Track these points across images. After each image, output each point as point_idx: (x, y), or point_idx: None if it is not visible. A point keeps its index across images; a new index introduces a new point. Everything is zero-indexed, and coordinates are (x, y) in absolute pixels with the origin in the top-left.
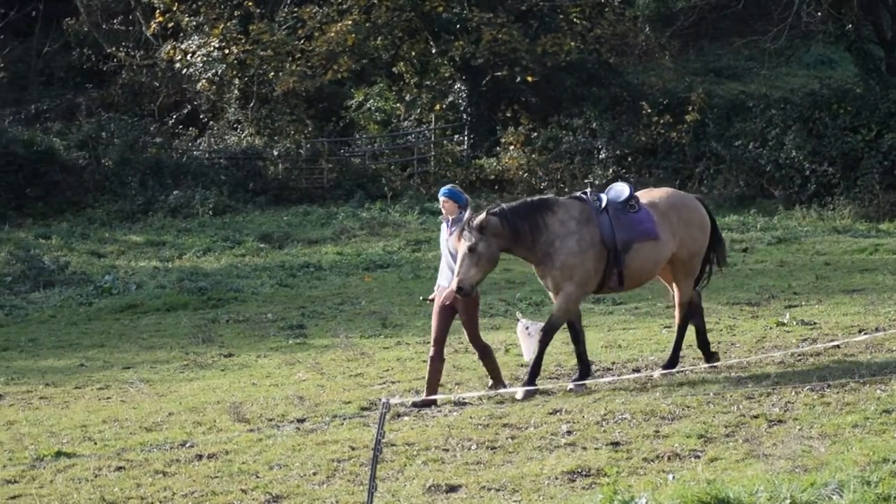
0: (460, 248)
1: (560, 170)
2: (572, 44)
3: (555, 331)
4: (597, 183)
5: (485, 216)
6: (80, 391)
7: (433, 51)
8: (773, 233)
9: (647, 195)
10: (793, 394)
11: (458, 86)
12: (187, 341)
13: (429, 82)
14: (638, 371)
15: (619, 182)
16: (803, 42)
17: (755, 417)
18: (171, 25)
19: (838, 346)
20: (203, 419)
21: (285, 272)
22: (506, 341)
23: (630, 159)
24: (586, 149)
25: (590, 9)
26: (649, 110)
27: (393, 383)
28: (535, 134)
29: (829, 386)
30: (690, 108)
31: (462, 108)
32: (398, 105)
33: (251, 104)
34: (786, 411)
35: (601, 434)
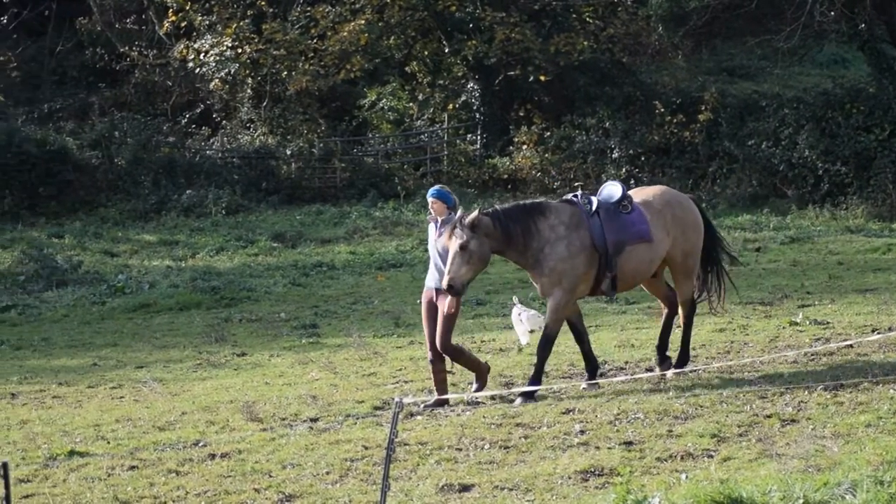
0: (451, 245)
1: (573, 169)
2: (585, 43)
3: (552, 341)
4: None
5: (477, 214)
6: (93, 390)
7: (446, 50)
8: (786, 232)
9: (640, 193)
10: (806, 393)
11: (470, 85)
12: (200, 340)
13: (442, 81)
14: (651, 370)
15: (611, 182)
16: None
17: (768, 417)
18: (183, 25)
19: (851, 346)
20: (216, 418)
21: (298, 271)
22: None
23: (643, 159)
24: (599, 148)
25: (603, 8)
26: (662, 110)
27: (406, 382)
28: (548, 133)
29: (842, 385)
30: (703, 108)
31: (475, 108)
32: (411, 104)
33: (264, 103)
34: (799, 411)
35: (614, 433)
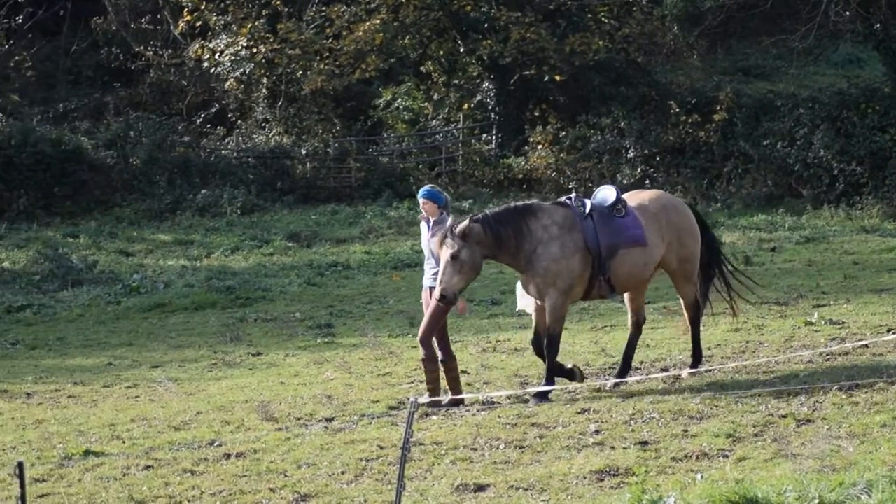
0: (442, 255)
1: (588, 169)
2: (600, 43)
3: (557, 341)
4: (625, 182)
5: (467, 223)
6: (108, 390)
7: (461, 50)
8: (802, 232)
9: (635, 197)
10: (821, 393)
11: (486, 85)
12: (215, 340)
13: (457, 81)
14: (666, 370)
15: (605, 186)
16: (831, 41)
17: (784, 417)
18: (199, 24)
19: (867, 346)
20: (231, 418)
21: (313, 271)
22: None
23: (658, 158)
24: (614, 148)
25: (618, 8)
26: (677, 109)
27: (421, 382)
28: (564, 133)
29: (857, 385)
30: (718, 108)
31: (490, 108)
32: (426, 104)
33: (279, 103)
34: (814, 411)
35: (629, 433)
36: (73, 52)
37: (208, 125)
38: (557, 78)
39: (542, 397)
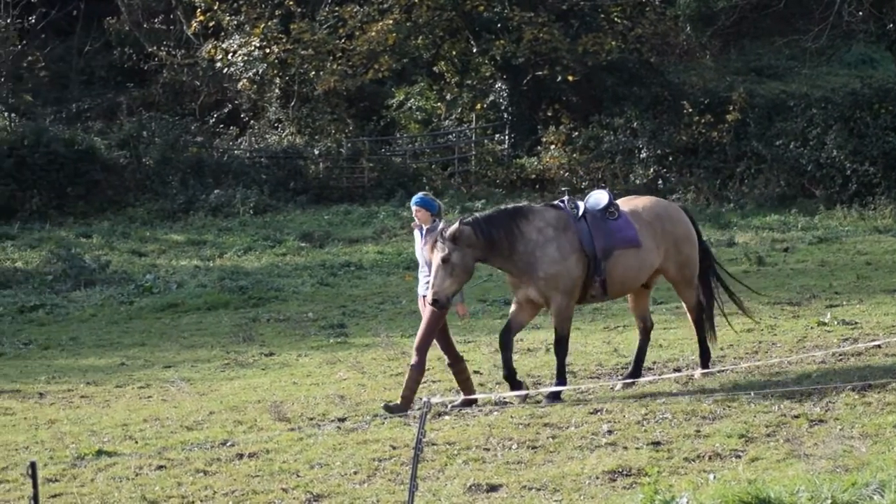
0: (434, 259)
1: (601, 169)
2: (613, 43)
3: (565, 342)
4: (637, 182)
5: (457, 226)
6: (120, 390)
7: (474, 50)
8: (814, 232)
9: (629, 203)
10: (834, 394)
11: (498, 85)
12: (228, 340)
13: (470, 81)
14: (679, 370)
15: (597, 190)
16: (844, 41)
17: (796, 417)
18: (212, 24)
19: (879, 346)
20: (244, 418)
21: (326, 271)
22: (546, 340)
23: (671, 159)
24: (627, 148)
25: (631, 8)
26: (690, 110)
27: (434, 382)
28: (576, 133)
29: (870, 386)
30: (731, 108)
31: (503, 108)
32: (439, 104)
33: (292, 103)
34: (827, 411)
35: (642, 434)
36: (87, 53)
37: (221, 125)
38: (570, 78)
39: (555, 397)
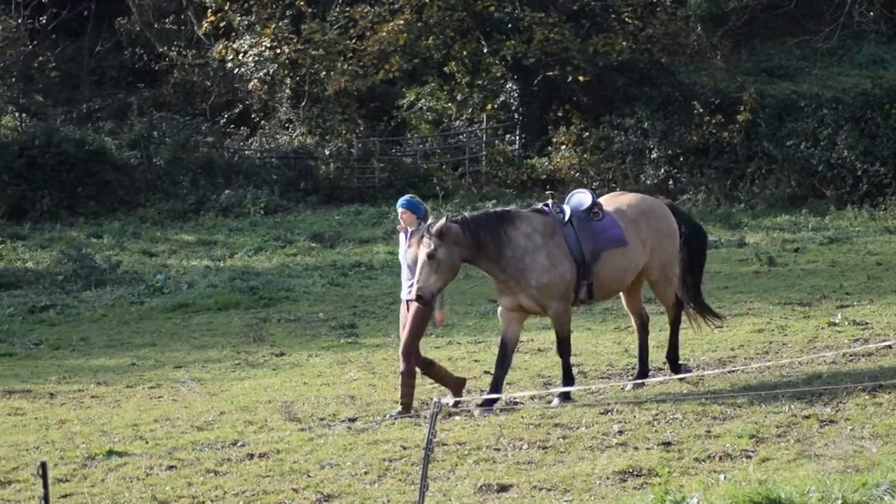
0: (419, 254)
1: (612, 169)
2: (624, 43)
3: (567, 343)
4: (648, 182)
5: (445, 222)
6: (131, 390)
7: (485, 50)
8: (825, 233)
9: (613, 202)
10: (844, 394)
11: (509, 85)
12: (239, 340)
13: (480, 82)
14: (689, 371)
15: (579, 190)
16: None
17: (807, 418)
18: (222, 25)
19: (890, 347)
20: (254, 418)
21: (337, 271)
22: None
23: (681, 159)
24: (638, 148)
25: (641, 8)
26: (701, 110)
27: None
28: (587, 133)
29: (881, 386)
30: (742, 108)
31: (514, 108)
32: (450, 104)
33: (303, 103)
34: (837, 411)
35: (652, 434)
36: (97, 53)
37: (232, 125)
38: (581, 78)
39: (566, 397)
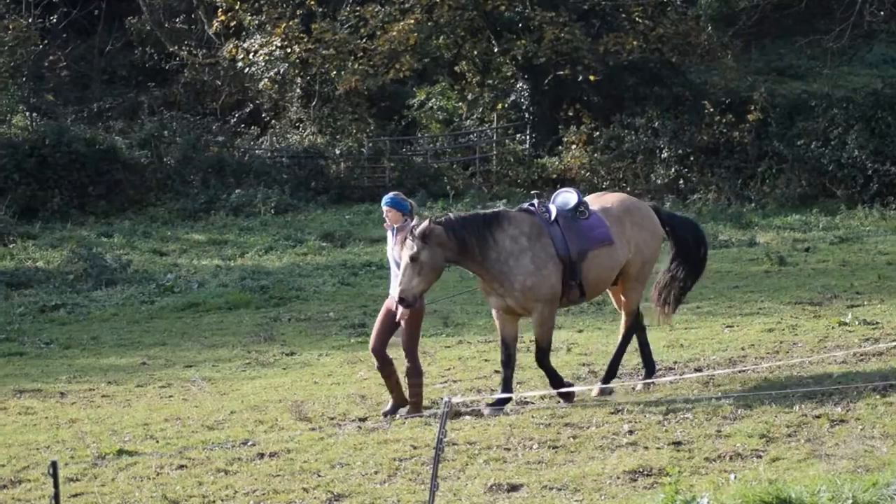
0: (402, 256)
1: (622, 169)
2: (634, 43)
3: (546, 352)
4: (659, 182)
5: (428, 224)
6: (141, 389)
7: (495, 50)
8: (836, 232)
9: (598, 200)
10: (855, 394)
11: (520, 85)
12: (249, 340)
13: (491, 81)
14: (700, 370)
15: (565, 189)
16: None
17: (817, 417)
18: (233, 24)
19: None
20: (265, 418)
21: (347, 271)
22: (567, 340)
23: (692, 159)
24: (648, 148)
25: (652, 8)
26: (711, 109)
27: (454, 382)
28: (598, 133)
29: (891, 386)
30: (753, 108)
31: (524, 107)
32: (460, 104)
33: (313, 103)
34: (848, 411)
35: (663, 434)
36: (108, 52)
37: (242, 125)
38: (591, 78)
39: (567, 398)
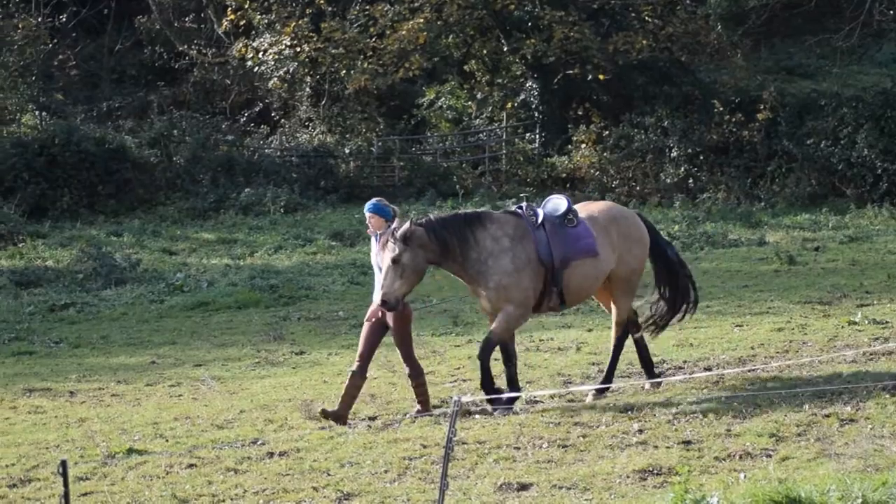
0: (384, 259)
1: (631, 168)
2: (644, 42)
3: (491, 348)
4: (668, 181)
5: (409, 226)
6: (151, 388)
7: (505, 49)
8: (845, 231)
9: (585, 209)
10: (865, 393)
11: (529, 84)
12: (259, 339)
13: (500, 80)
14: (709, 370)
15: (555, 195)
16: (875, 40)
17: (827, 416)
18: (242, 23)
19: None
20: (274, 417)
21: (357, 270)
22: (577, 339)
23: (701, 158)
24: (658, 147)
25: (661, 7)
26: (721, 109)
27: (464, 381)
28: (607, 132)
29: None
30: (762, 107)
31: (533, 106)
32: (470, 103)
33: (323, 102)
34: (857, 410)
35: (672, 433)
36: (117, 51)
37: (252, 124)
38: (601, 77)
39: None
